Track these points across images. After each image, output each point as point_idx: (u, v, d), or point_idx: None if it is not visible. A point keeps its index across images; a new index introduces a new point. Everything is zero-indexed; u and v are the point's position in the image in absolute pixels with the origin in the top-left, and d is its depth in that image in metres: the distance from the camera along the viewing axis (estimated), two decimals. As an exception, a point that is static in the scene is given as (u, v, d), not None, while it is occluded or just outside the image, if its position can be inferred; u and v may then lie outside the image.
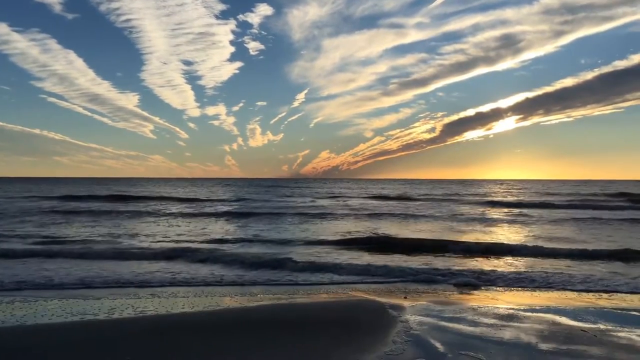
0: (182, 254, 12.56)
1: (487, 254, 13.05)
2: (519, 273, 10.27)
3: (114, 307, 7.26)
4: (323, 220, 23.47)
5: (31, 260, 11.70)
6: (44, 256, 12.22)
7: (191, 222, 22.97)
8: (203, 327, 6.13)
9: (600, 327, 6.23)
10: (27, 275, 9.77)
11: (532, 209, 31.68)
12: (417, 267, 10.93)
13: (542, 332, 5.96)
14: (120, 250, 13.06)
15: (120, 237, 16.63)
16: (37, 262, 11.35)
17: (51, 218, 23.70)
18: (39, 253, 12.64)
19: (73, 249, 13.17)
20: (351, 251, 13.65)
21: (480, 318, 6.62)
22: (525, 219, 24.63)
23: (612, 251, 12.99)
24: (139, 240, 15.68)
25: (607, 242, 15.38)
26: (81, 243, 14.75)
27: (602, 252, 12.86)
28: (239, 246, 14.58)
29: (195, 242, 15.42)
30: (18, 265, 10.94)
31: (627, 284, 9.29)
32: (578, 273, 10.27)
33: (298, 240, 15.74)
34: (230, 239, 16.15)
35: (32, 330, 6.05)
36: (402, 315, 6.70)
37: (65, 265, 11.04)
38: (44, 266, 10.82)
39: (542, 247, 13.93)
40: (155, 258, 12.09)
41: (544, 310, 7.16)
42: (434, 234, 18.02)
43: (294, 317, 6.77)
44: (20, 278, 9.45)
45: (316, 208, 31.66)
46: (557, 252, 13.16)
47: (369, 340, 5.61)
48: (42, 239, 15.86)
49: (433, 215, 26.53)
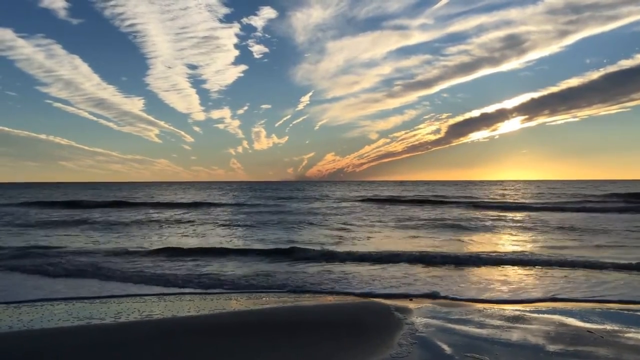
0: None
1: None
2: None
3: (120, 310, 7.29)
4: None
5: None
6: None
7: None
8: (208, 330, 6.14)
9: (607, 328, 6.19)
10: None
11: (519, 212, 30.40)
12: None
13: (549, 334, 5.93)
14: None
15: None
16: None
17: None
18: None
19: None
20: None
21: (487, 320, 6.59)
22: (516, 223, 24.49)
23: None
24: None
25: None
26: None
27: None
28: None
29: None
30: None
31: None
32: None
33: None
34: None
35: (39, 334, 6.06)
36: (408, 318, 6.68)
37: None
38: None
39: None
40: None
41: (550, 311, 7.13)
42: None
43: (300, 319, 6.77)
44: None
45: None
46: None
47: (374, 343, 5.60)
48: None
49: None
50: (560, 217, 25.72)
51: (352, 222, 23.65)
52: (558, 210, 30.41)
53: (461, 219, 24.94)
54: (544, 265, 11.10)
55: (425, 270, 10.73)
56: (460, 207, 34.53)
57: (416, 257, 12.13)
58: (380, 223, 22.85)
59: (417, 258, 12.09)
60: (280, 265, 11.72)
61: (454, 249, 13.91)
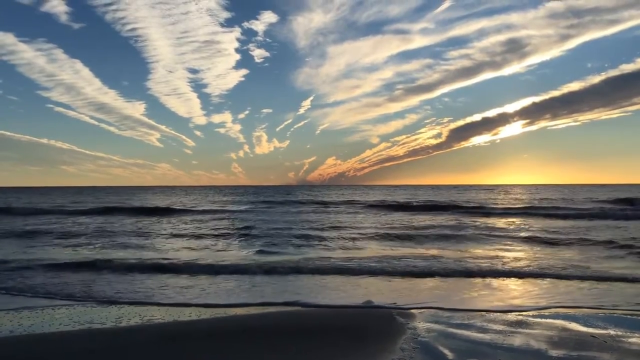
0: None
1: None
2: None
3: (121, 315, 7.26)
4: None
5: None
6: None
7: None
8: (210, 335, 6.11)
9: (611, 332, 6.15)
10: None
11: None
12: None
13: (551, 338, 5.89)
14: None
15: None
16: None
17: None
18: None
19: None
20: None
21: (489, 324, 6.56)
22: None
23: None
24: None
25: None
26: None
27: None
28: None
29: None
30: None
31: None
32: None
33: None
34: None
35: (41, 339, 6.05)
36: (411, 322, 6.65)
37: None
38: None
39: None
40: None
41: (553, 316, 7.09)
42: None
43: (301, 324, 6.74)
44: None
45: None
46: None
47: (376, 348, 5.57)
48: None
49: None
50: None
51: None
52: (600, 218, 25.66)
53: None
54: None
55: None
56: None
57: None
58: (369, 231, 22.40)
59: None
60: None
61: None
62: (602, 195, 55.20)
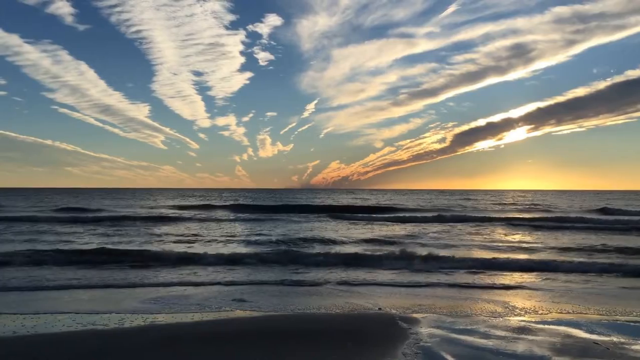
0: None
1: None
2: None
3: (123, 317, 7.27)
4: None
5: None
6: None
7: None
8: (213, 338, 6.12)
9: (614, 339, 6.12)
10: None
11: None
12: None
13: (555, 345, 5.87)
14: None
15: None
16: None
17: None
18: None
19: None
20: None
21: (492, 330, 6.54)
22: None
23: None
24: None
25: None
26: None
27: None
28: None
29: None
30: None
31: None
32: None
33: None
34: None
35: (43, 340, 6.06)
36: (413, 327, 6.63)
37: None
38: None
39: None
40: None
41: (556, 322, 7.06)
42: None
43: (304, 328, 6.73)
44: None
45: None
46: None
47: (378, 353, 5.56)
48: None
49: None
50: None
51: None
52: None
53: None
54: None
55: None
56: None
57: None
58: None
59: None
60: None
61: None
62: (594, 202, 53.42)
